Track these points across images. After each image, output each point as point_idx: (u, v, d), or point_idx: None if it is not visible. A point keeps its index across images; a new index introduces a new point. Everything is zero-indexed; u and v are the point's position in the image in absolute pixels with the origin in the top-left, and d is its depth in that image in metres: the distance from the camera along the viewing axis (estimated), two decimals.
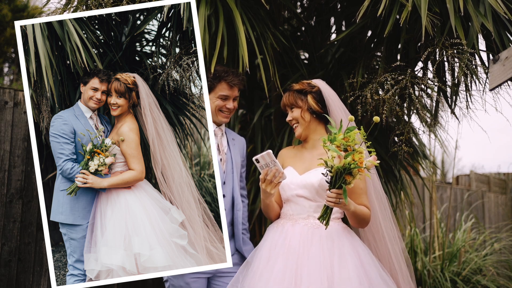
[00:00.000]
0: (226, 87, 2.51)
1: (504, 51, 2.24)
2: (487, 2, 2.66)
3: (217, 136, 2.56)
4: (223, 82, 2.50)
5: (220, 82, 2.50)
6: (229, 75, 2.50)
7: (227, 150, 2.59)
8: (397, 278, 2.37)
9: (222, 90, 2.50)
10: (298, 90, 2.47)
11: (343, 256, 2.20)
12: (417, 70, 3.07)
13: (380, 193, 2.46)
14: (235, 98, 2.56)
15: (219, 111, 2.53)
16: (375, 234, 2.44)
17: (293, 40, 3.77)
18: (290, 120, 2.49)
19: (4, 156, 3.31)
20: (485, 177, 9.85)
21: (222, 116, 2.54)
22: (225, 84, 2.50)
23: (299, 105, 2.44)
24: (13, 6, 9.58)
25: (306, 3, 4.00)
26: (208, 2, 2.78)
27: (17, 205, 3.34)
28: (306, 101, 2.44)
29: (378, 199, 2.44)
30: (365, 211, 2.30)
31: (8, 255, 3.27)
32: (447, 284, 4.22)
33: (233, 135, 2.71)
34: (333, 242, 2.24)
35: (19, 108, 3.40)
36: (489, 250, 5.10)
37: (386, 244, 2.41)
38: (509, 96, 2.79)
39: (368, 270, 2.19)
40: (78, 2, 2.90)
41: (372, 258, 2.27)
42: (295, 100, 2.45)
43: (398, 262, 2.41)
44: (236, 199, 2.55)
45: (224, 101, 2.52)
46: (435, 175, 5.58)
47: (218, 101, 2.51)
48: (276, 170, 2.22)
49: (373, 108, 2.89)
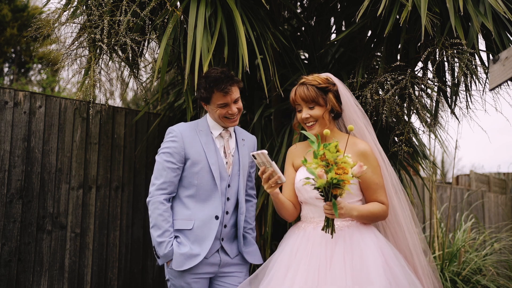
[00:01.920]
0: (221, 95, 2.38)
1: (504, 51, 2.23)
2: (487, 2, 2.66)
3: (223, 139, 2.52)
4: (216, 91, 2.38)
5: (213, 92, 2.38)
6: (219, 84, 2.36)
7: (234, 152, 2.54)
8: (418, 272, 2.29)
9: (218, 99, 2.39)
10: (319, 87, 2.28)
11: (366, 258, 2.09)
12: (417, 70, 3.07)
13: (396, 188, 2.36)
14: (235, 101, 2.44)
15: (224, 118, 2.44)
16: (393, 230, 2.35)
17: (293, 40, 3.77)
18: (307, 118, 2.30)
19: (4, 156, 3.31)
20: (485, 177, 9.85)
21: (229, 121, 2.46)
22: (218, 93, 2.38)
23: (321, 103, 2.27)
24: (13, 6, 9.58)
25: (306, 3, 4.00)
26: (208, 2, 2.78)
27: (17, 205, 3.34)
28: (328, 100, 2.28)
29: (396, 193, 2.34)
30: (374, 210, 2.19)
31: (8, 255, 3.27)
32: (447, 284, 4.22)
33: (244, 134, 2.63)
34: (356, 244, 2.14)
35: (19, 108, 3.40)
36: (489, 250, 5.10)
37: (406, 240, 2.32)
38: (509, 96, 2.79)
39: (394, 271, 2.08)
40: (78, 2, 2.90)
41: (397, 257, 2.17)
42: (317, 98, 2.27)
43: (418, 258, 2.31)
44: (240, 202, 2.52)
45: (225, 108, 2.42)
46: (435, 175, 5.57)
47: (218, 110, 2.42)
48: (272, 171, 2.14)
49: (373, 108, 2.89)
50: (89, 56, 2.85)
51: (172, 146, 2.42)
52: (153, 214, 2.38)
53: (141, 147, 4.03)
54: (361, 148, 2.25)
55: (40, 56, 9.04)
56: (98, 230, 3.73)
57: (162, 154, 2.44)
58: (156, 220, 2.37)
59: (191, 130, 2.48)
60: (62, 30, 2.94)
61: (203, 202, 2.43)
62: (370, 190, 2.23)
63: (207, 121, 2.53)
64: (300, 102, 2.31)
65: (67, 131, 3.63)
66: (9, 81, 10.33)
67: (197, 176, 2.42)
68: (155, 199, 2.39)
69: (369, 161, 2.23)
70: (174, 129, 2.47)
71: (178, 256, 2.34)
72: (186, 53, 2.71)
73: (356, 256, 2.09)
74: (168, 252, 2.34)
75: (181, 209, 2.44)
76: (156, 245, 2.36)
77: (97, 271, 3.70)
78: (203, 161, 2.42)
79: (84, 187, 3.68)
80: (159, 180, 2.41)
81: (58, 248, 3.50)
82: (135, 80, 3.09)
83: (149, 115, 4.18)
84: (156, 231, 2.36)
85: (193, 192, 2.43)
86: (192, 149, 2.43)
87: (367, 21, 3.03)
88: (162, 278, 4.10)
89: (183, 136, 2.44)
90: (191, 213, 2.41)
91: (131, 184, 3.97)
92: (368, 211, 2.19)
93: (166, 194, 2.41)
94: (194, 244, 2.38)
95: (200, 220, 2.40)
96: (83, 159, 3.69)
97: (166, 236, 2.35)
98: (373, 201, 2.24)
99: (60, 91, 9.19)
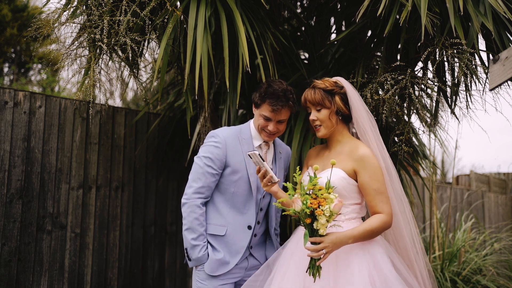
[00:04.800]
0: (269, 109, 2.38)
1: (504, 51, 2.23)
2: (487, 2, 2.66)
3: (262, 150, 2.54)
4: (267, 103, 2.38)
5: (264, 102, 2.39)
6: (273, 98, 2.36)
7: (271, 165, 2.57)
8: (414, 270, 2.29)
9: (264, 110, 2.40)
10: (326, 90, 2.34)
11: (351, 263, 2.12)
12: (417, 70, 3.07)
13: (399, 194, 2.35)
14: (280, 121, 2.42)
15: (262, 130, 2.45)
16: (394, 239, 2.34)
17: (293, 40, 3.77)
18: (313, 120, 2.36)
19: (4, 156, 3.31)
20: (485, 177, 9.85)
21: (265, 135, 2.46)
22: (268, 106, 2.38)
23: (327, 106, 2.32)
24: (13, 6, 9.58)
25: (306, 3, 4.00)
26: (208, 2, 2.78)
27: (17, 205, 3.34)
28: (334, 102, 2.33)
29: (398, 200, 2.34)
30: (372, 227, 2.16)
31: (8, 255, 3.27)
32: (447, 284, 4.22)
33: (281, 147, 2.65)
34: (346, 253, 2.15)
35: (19, 108, 3.40)
36: (489, 250, 5.10)
37: (407, 249, 2.31)
38: (509, 96, 2.79)
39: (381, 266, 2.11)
40: (78, 2, 2.90)
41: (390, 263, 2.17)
42: (323, 100, 2.32)
43: (419, 267, 2.31)
44: (270, 214, 2.57)
45: (267, 122, 2.41)
46: (435, 175, 5.57)
47: (261, 119, 2.42)
48: (265, 170, 2.22)
49: (373, 108, 2.89)
50: (89, 56, 2.85)
51: (215, 152, 2.42)
52: (188, 217, 2.38)
53: (141, 147, 4.03)
54: (360, 153, 2.25)
55: (40, 56, 9.04)
56: (98, 230, 3.73)
57: (203, 158, 2.43)
58: (191, 224, 2.37)
59: (234, 138, 2.47)
60: (62, 30, 2.93)
61: (237, 211, 2.46)
62: (369, 195, 2.23)
63: (250, 129, 2.53)
64: (309, 104, 2.37)
65: (67, 131, 3.63)
66: (9, 81, 10.33)
67: (235, 185, 2.44)
68: (192, 202, 2.39)
69: (366, 165, 2.23)
70: (219, 134, 2.46)
71: (213, 261, 2.37)
72: (186, 53, 2.71)
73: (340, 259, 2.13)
74: (201, 256, 2.37)
75: (214, 214, 2.46)
76: (190, 247, 2.37)
77: (97, 271, 3.70)
78: (242, 171, 2.43)
79: (84, 187, 3.68)
80: (197, 183, 2.41)
81: (58, 248, 3.50)
82: (135, 80, 3.09)
83: (149, 115, 4.17)
84: (191, 234, 2.37)
85: (228, 199, 2.45)
86: (233, 158, 2.43)
87: (367, 21, 3.03)
88: (162, 278, 4.10)
89: (227, 144, 2.43)
90: (224, 219, 2.44)
91: (131, 184, 3.97)
92: (365, 231, 2.15)
93: (202, 198, 2.42)
94: (226, 251, 2.41)
95: (233, 228, 2.43)
96: (83, 159, 3.69)
97: (200, 240, 2.38)
98: (372, 207, 2.24)
99: (60, 91, 9.19)
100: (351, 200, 2.28)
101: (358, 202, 2.30)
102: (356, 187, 2.26)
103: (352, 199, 2.28)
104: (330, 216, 1.96)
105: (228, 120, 3.46)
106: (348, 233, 2.11)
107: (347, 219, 2.26)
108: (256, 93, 2.45)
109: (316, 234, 2.02)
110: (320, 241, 2.02)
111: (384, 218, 2.20)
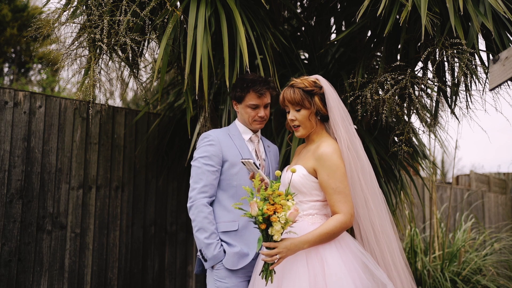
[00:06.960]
0: (255, 97, 2.50)
1: (504, 51, 2.23)
2: (487, 2, 2.66)
3: (253, 143, 2.60)
4: (251, 92, 2.49)
5: (249, 92, 2.50)
6: (256, 85, 2.48)
7: (265, 156, 2.63)
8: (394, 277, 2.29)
9: (251, 99, 2.50)
10: (306, 90, 2.31)
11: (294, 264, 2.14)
12: (417, 70, 3.07)
13: (375, 189, 2.35)
14: (266, 105, 2.54)
15: (253, 120, 2.54)
16: (362, 233, 2.33)
17: (293, 40, 3.77)
18: (292, 120, 2.35)
19: (4, 156, 3.31)
20: (485, 177, 9.85)
21: (256, 124, 2.55)
22: (253, 93, 2.49)
23: (307, 106, 2.32)
24: (13, 6, 9.58)
25: (306, 3, 4.00)
26: (208, 2, 2.78)
27: (17, 205, 3.34)
28: (314, 103, 2.32)
29: (372, 194, 2.33)
30: (329, 229, 2.14)
31: (8, 255, 3.27)
32: (447, 284, 4.22)
33: (268, 142, 2.74)
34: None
35: (19, 108, 3.40)
36: (489, 250, 5.10)
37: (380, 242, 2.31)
38: (509, 96, 2.79)
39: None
40: (78, 2, 2.90)
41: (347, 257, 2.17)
42: (303, 101, 2.31)
43: (394, 262, 2.31)
44: None
45: (255, 110, 2.52)
46: (435, 175, 5.57)
47: (248, 110, 2.52)
48: (261, 178, 2.25)
49: (373, 108, 2.89)
50: (89, 56, 2.85)
51: (211, 150, 2.47)
52: (197, 218, 2.38)
53: (141, 147, 4.03)
54: (320, 151, 2.25)
55: (40, 56, 9.05)
56: (98, 230, 3.73)
57: (200, 159, 2.47)
58: (201, 223, 2.37)
59: (225, 135, 2.55)
60: (62, 30, 2.93)
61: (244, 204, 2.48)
62: (327, 194, 2.22)
63: (237, 127, 2.61)
64: (287, 104, 2.36)
65: (67, 131, 3.63)
66: (9, 81, 10.33)
67: (236, 177, 2.46)
68: (198, 202, 2.40)
69: (324, 164, 2.22)
70: (210, 133, 2.53)
71: (232, 255, 2.37)
72: (186, 53, 2.71)
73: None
74: (217, 253, 2.36)
75: (222, 212, 2.46)
76: (204, 247, 2.36)
77: (97, 271, 3.70)
78: (240, 163, 2.46)
79: (84, 187, 3.68)
80: (199, 184, 2.43)
81: (58, 248, 3.50)
82: (135, 80, 3.09)
83: (149, 115, 4.17)
84: (203, 233, 2.37)
85: (233, 194, 2.47)
86: (229, 152, 2.48)
87: (367, 21, 3.03)
88: (162, 278, 4.10)
89: (220, 140, 2.50)
90: (234, 215, 2.43)
91: (131, 184, 3.97)
92: (320, 235, 2.13)
93: (207, 198, 2.43)
94: (242, 244, 2.41)
95: (245, 221, 2.43)
96: (83, 159, 3.69)
97: (213, 238, 2.37)
98: (331, 206, 2.22)
99: (60, 91, 9.19)
100: (311, 197, 2.28)
101: (319, 199, 2.29)
102: (317, 184, 2.26)
103: (312, 196, 2.28)
104: (286, 223, 1.96)
105: (228, 120, 3.46)
106: (303, 239, 2.10)
107: (305, 215, 2.26)
108: (236, 89, 2.55)
109: (270, 240, 2.02)
110: (274, 247, 2.03)
111: (341, 218, 2.17)
